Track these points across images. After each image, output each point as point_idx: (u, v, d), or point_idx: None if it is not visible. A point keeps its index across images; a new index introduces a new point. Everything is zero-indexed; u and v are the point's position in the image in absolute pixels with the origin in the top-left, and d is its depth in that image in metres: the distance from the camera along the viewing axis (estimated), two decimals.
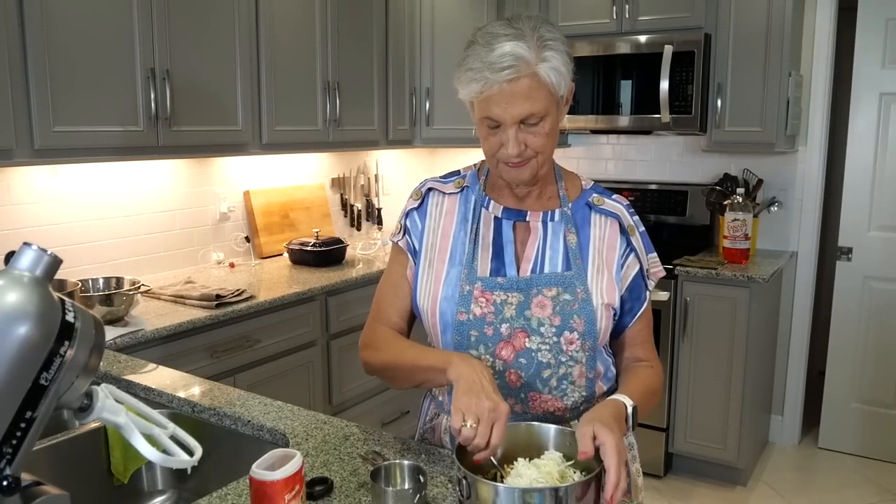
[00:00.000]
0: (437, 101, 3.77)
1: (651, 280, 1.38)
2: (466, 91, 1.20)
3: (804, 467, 3.59)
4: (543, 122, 1.20)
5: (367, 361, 1.36)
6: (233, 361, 2.55)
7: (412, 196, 1.41)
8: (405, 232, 1.39)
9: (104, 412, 0.95)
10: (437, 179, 1.41)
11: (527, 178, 1.27)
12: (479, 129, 1.25)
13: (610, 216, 1.35)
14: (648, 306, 1.39)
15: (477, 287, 1.28)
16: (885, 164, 3.48)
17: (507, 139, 1.21)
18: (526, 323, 1.27)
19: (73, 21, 2.26)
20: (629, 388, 1.26)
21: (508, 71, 1.15)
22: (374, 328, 1.38)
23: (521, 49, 1.15)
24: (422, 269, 1.35)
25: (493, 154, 1.25)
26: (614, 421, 1.10)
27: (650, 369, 1.36)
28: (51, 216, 2.62)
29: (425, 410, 1.46)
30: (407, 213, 1.40)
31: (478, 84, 1.17)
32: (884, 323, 3.54)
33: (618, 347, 1.40)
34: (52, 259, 0.84)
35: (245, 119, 2.85)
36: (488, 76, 1.15)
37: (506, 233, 1.33)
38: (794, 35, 3.27)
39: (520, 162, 1.23)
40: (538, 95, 1.18)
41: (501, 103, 1.17)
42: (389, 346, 1.32)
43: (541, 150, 1.23)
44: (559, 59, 1.18)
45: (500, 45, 1.15)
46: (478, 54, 1.17)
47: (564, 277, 1.29)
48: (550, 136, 1.23)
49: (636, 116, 3.46)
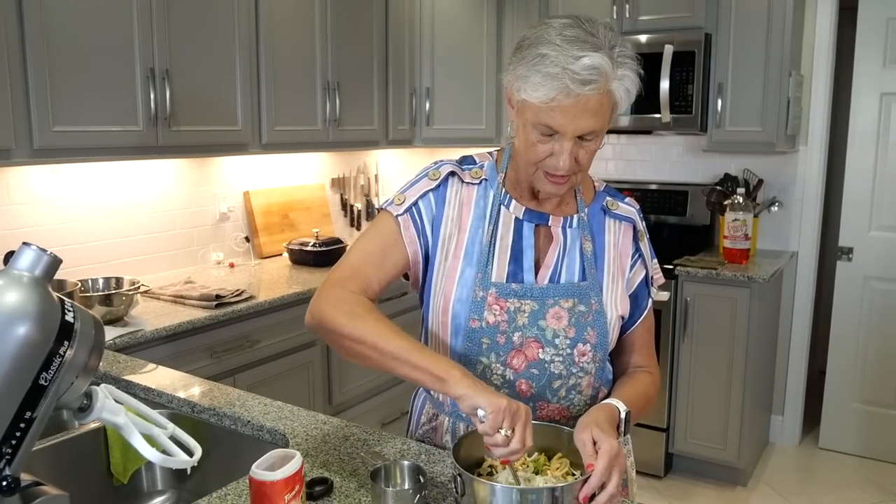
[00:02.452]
0: (437, 101, 3.76)
1: (653, 287, 1.38)
2: (535, 93, 1.11)
3: (805, 467, 3.58)
4: (598, 138, 1.17)
5: (333, 323, 1.19)
6: (232, 361, 2.55)
7: (430, 175, 1.31)
8: (415, 211, 1.29)
9: (104, 412, 0.95)
10: (455, 163, 1.33)
11: (562, 193, 1.25)
12: (527, 132, 1.17)
13: (624, 221, 1.34)
14: (650, 312, 1.38)
15: (491, 293, 1.25)
16: (886, 163, 3.48)
17: (560, 151, 1.15)
18: (540, 333, 1.25)
19: (73, 21, 2.26)
20: (624, 393, 1.26)
21: (593, 86, 1.09)
22: (352, 291, 1.23)
23: (605, 63, 1.09)
24: (438, 261, 1.29)
25: (537, 161, 1.19)
26: (609, 425, 1.11)
27: (648, 375, 1.35)
28: (50, 216, 2.62)
29: (418, 410, 1.43)
30: (423, 194, 1.30)
31: (553, 90, 1.09)
32: (884, 323, 3.53)
33: (617, 351, 1.39)
34: (51, 259, 0.84)
35: (245, 119, 2.85)
36: (570, 86, 1.08)
37: (526, 236, 1.29)
38: (795, 35, 3.27)
39: (565, 177, 1.19)
40: (604, 113, 1.13)
41: (569, 114, 1.11)
42: (374, 322, 1.17)
43: (586, 166, 1.20)
44: (631, 78, 1.14)
45: (585, 55, 1.08)
46: (556, 59, 1.09)
47: (580, 288, 1.27)
48: (595, 152, 1.20)
49: (636, 116, 3.45)
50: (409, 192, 1.31)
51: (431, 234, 1.30)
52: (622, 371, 1.38)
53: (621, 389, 1.28)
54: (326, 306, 1.21)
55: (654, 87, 3.33)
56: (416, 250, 1.30)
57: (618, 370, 1.39)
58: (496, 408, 1.03)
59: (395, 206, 1.30)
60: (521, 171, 1.27)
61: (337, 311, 1.20)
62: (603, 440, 1.05)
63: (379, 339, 1.16)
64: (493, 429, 1.02)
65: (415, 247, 1.29)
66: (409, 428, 1.45)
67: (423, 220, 1.29)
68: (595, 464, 1.03)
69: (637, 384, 1.31)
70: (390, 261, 1.28)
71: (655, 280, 1.38)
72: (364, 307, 1.20)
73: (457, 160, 1.34)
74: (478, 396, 1.05)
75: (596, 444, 1.05)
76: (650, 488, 3.32)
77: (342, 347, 1.22)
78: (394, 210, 1.30)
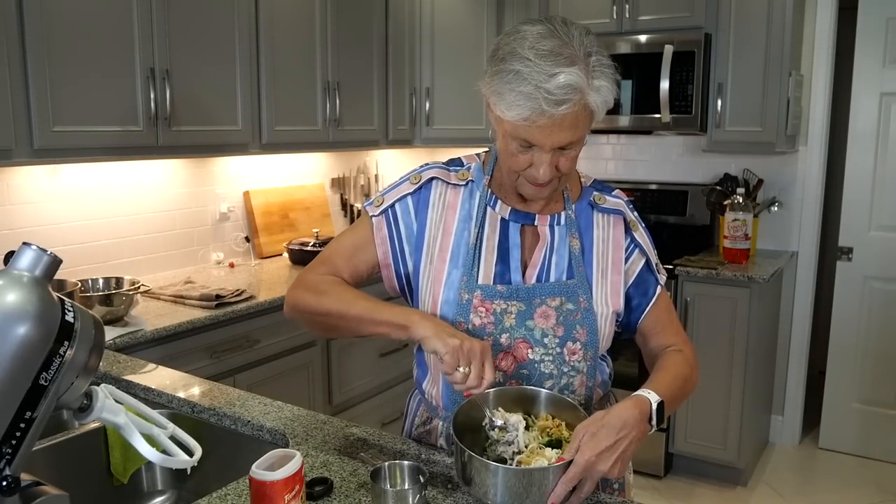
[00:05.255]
0: (437, 101, 3.76)
1: (661, 274, 1.36)
2: (510, 113, 1.10)
3: (805, 467, 3.58)
4: (577, 145, 1.16)
5: (304, 304, 1.27)
6: (232, 361, 2.55)
7: (410, 179, 1.33)
8: (391, 214, 1.32)
9: (104, 412, 0.95)
10: (441, 166, 1.34)
11: (546, 196, 1.25)
12: (506, 143, 1.17)
13: (613, 214, 1.34)
14: (663, 295, 1.35)
15: (476, 296, 1.25)
16: (886, 163, 3.48)
17: (539, 162, 1.15)
18: (528, 333, 1.24)
19: (73, 21, 2.26)
20: (656, 380, 1.22)
21: (567, 105, 1.07)
22: (319, 273, 1.31)
23: (578, 78, 1.07)
24: (424, 264, 1.30)
25: (518, 170, 1.19)
26: (623, 425, 1.06)
27: (678, 354, 1.31)
28: (51, 216, 2.62)
29: (413, 411, 1.43)
30: (402, 197, 1.32)
31: (528, 111, 1.08)
32: (884, 323, 3.54)
33: (642, 340, 1.36)
34: (51, 259, 0.84)
35: (245, 119, 2.85)
36: (544, 107, 1.07)
37: (512, 236, 1.29)
38: (795, 35, 3.27)
39: (546, 183, 1.19)
40: (581, 124, 1.12)
41: (546, 131, 1.10)
42: (338, 293, 1.25)
43: (568, 171, 1.19)
44: (608, 87, 1.12)
45: (560, 73, 1.06)
46: (530, 76, 1.07)
47: (567, 286, 1.26)
48: (577, 158, 1.19)
49: (636, 116, 3.45)
50: (389, 195, 1.34)
51: (408, 237, 1.31)
52: (653, 356, 1.34)
53: (653, 378, 1.24)
54: (297, 291, 1.30)
55: (654, 87, 3.33)
56: (387, 251, 1.32)
57: (648, 358, 1.36)
58: (451, 348, 1.09)
59: (373, 206, 1.34)
60: (504, 176, 1.27)
61: (306, 293, 1.28)
62: (586, 449, 1.02)
63: (343, 307, 1.23)
64: (451, 367, 1.09)
65: (385, 248, 1.32)
66: (405, 429, 1.45)
67: (398, 222, 1.32)
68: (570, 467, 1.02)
69: (669, 367, 1.27)
70: (360, 257, 1.33)
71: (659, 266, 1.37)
72: (329, 283, 1.28)
73: (444, 162, 1.36)
74: (435, 339, 1.12)
75: (579, 449, 1.03)
76: (650, 488, 3.32)
77: (316, 325, 1.30)
78: (371, 210, 1.34)
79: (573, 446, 1.04)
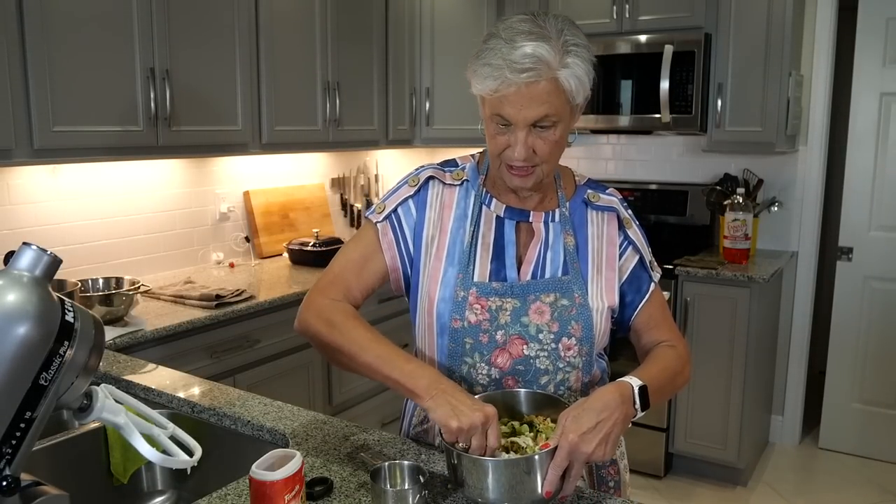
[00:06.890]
0: (437, 101, 3.76)
1: (655, 272, 1.37)
2: (481, 86, 1.16)
3: (805, 468, 3.58)
4: (555, 127, 1.18)
5: (314, 331, 1.27)
6: (232, 361, 2.55)
7: (409, 182, 1.35)
8: (394, 218, 1.33)
9: (104, 412, 0.95)
10: (436, 167, 1.36)
11: (530, 187, 1.25)
12: (487, 126, 1.21)
13: (607, 211, 1.34)
14: (655, 292, 1.36)
15: (472, 293, 1.26)
16: (886, 163, 3.48)
17: (515, 141, 1.18)
18: (523, 329, 1.25)
19: (73, 21, 2.26)
20: (642, 369, 1.24)
21: (529, 73, 1.11)
22: (333, 300, 1.30)
23: (545, 51, 1.11)
24: (423, 263, 1.31)
25: (498, 154, 1.22)
26: (603, 407, 1.08)
27: (670, 348, 1.32)
28: (51, 216, 2.62)
29: (410, 410, 1.44)
30: (403, 200, 1.34)
31: (495, 81, 1.13)
32: (884, 323, 3.53)
33: (635, 337, 1.37)
34: (51, 259, 0.84)
35: (245, 119, 2.85)
36: (507, 75, 1.12)
37: (507, 233, 1.30)
38: (795, 35, 3.27)
39: (525, 169, 1.21)
40: (554, 101, 1.14)
41: (516, 104, 1.14)
42: (350, 332, 1.23)
43: (547, 158, 1.20)
44: (582, 67, 1.15)
45: (523, 44, 1.11)
46: (498, 49, 1.13)
47: (562, 282, 1.27)
48: (559, 144, 1.20)
49: (636, 116, 3.45)
50: (389, 200, 1.35)
51: (412, 239, 1.33)
52: (646, 352, 1.35)
53: (640, 368, 1.26)
54: (309, 315, 1.29)
55: (654, 87, 3.33)
56: (395, 255, 1.33)
57: (641, 355, 1.36)
58: (447, 430, 1.08)
59: (375, 213, 1.35)
60: (492, 168, 1.29)
61: (318, 321, 1.27)
62: (568, 431, 1.05)
63: (354, 349, 1.22)
64: (451, 442, 1.08)
65: (392, 252, 1.33)
66: (402, 428, 1.46)
67: (402, 225, 1.33)
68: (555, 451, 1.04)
69: (658, 359, 1.29)
70: (370, 268, 1.33)
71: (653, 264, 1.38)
72: (343, 315, 1.27)
73: (439, 163, 1.37)
74: (434, 414, 1.11)
75: (562, 433, 1.05)
76: (650, 488, 3.32)
77: (325, 354, 1.29)
78: (374, 218, 1.35)
79: (558, 432, 1.06)
